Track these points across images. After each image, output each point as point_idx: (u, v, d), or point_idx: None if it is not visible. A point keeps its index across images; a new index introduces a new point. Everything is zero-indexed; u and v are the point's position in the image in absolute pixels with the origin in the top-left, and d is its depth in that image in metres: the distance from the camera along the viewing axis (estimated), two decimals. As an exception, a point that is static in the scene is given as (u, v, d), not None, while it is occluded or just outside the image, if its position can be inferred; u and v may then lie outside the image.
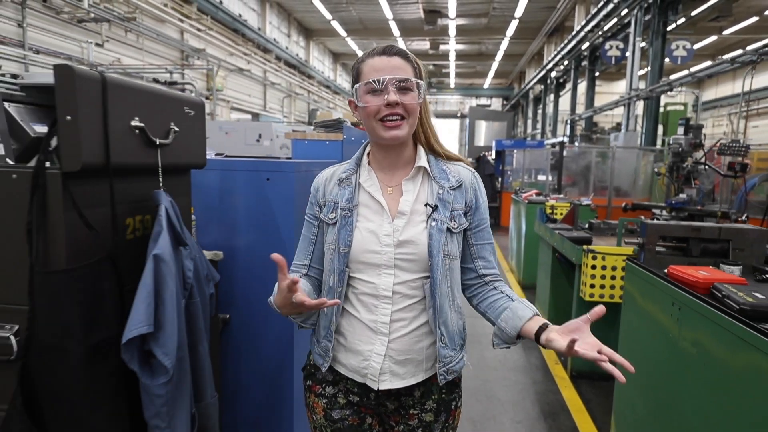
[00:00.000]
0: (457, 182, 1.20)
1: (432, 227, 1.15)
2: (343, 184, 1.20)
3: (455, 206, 1.18)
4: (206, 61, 13.12)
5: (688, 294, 1.75)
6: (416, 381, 1.17)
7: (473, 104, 30.95)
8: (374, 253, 1.14)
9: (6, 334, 1.03)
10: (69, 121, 0.97)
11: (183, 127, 1.28)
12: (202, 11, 13.12)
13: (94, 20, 9.34)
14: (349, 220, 1.16)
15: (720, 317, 1.54)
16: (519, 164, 12.08)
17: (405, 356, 1.15)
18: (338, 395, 1.21)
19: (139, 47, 11.07)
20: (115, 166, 1.07)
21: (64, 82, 0.97)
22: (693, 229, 2.20)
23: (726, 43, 18.87)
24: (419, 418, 1.20)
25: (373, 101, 1.11)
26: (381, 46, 1.18)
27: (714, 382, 1.59)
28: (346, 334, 1.18)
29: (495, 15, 18.56)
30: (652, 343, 2.08)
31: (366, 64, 1.15)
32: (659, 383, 2.00)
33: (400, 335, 1.15)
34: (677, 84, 9.38)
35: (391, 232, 1.15)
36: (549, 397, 3.10)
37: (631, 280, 2.33)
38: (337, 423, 1.20)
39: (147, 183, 1.20)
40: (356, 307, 1.17)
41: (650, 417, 2.07)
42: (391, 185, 1.21)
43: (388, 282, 1.14)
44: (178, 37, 12.31)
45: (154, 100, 1.19)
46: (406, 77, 1.12)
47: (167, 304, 1.08)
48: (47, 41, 8.60)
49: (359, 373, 1.17)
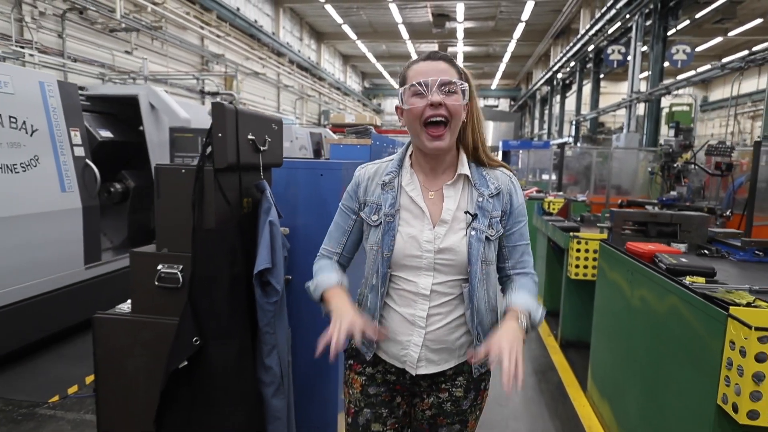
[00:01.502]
0: (496, 189, 1.24)
1: (471, 236, 1.19)
2: (386, 188, 1.25)
3: (493, 214, 1.23)
4: (225, 65, 13.76)
5: (638, 262, 2.31)
6: (449, 366, 1.26)
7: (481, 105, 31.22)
8: (415, 258, 1.20)
9: (174, 270, 1.63)
10: (220, 137, 1.56)
11: (272, 138, 1.87)
12: (222, 18, 13.74)
13: (125, 29, 9.98)
14: (391, 225, 1.22)
15: (654, 275, 2.10)
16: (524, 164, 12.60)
17: (440, 345, 1.23)
18: (377, 374, 1.30)
19: (164, 54, 11.70)
20: (241, 165, 1.66)
21: (218, 112, 1.55)
22: (650, 215, 2.76)
23: (732, 44, 19.07)
24: (450, 392, 1.27)
25: (418, 103, 1.16)
26: (427, 52, 1.23)
27: (652, 324, 2.15)
28: (387, 325, 1.26)
29: (502, 18, 18.99)
30: (615, 305, 2.64)
31: (411, 69, 1.20)
32: (619, 335, 2.56)
33: (436, 328, 1.22)
34: (674, 87, 9.84)
35: (432, 239, 1.20)
36: (540, 360, 3.66)
37: (602, 256, 2.89)
38: (371, 398, 1.30)
39: (252, 176, 1.78)
40: (396, 301, 1.24)
41: (614, 365, 2.63)
42: (432, 189, 1.25)
43: (427, 282, 1.21)
44: (199, 43, 12.94)
45: (258, 121, 1.77)
46: (449, 79, 1.16)
47: (278, 253, 1.65)
48: (83, 50, 9.23)
49: (399, 359, 1.26)
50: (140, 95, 4.52)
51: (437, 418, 1.29)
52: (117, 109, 4.75)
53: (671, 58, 11.27)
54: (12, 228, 3.12)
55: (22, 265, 3.22)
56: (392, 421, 1.31)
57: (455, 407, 1.28)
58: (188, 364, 1.56)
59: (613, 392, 2.63)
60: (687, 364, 1.80)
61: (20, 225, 3.18)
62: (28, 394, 2.88)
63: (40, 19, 8.21)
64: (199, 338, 1.55)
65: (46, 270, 3.40)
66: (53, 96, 3.54)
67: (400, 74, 1.24)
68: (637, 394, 2.28)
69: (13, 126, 3.19)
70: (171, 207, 1.66)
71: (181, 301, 1.59)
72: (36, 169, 3.33)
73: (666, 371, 1.98)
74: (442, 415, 1.28)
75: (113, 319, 1.70)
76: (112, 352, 1.70)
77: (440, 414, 1.28)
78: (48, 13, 8.34)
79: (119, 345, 1.69)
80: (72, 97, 3.75)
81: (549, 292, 4.58)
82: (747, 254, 2.41)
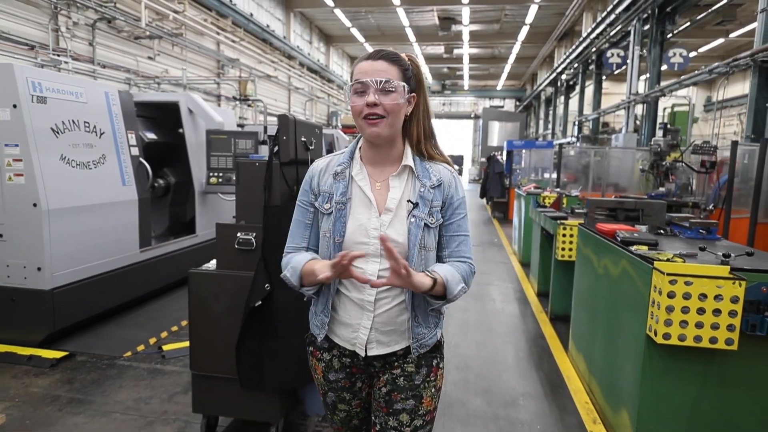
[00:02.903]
0: (437, 181, 1.33)
1: (411, 222, 1.28)
2: (338, 178, 1.33)
3: (434, 203, 1.31)
4: (239, 69, 14.40)
5: (603, 238, 2.88)
6: (399, 347, 1.34)
7: (486, 105, 31.70)
8: (363, 245, 1.28)
9: (250, 237, 2.22)
10: (285, 140, 2.15)
11: (316, 139, 2.46)
12: (236, 24, 14.37)
13: (149, 37, 10.63)
14: (342, 213, 1.30)
15: (612, 246, 2.67)
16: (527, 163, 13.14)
17: (389, 327, 1.32)
18: (333, 360, 1.39)
19: (183, 59, 12.33)
20: (297, 160, 2.25)
21: (283, 121, 2.14)
22: (618, 202, 3.32)
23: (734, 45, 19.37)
24: (402, 368, 1.35)
25: (358, 101, 1.24)
26: (373, 51, 1.29)
27: (610, 284, 2.72)
28: (339, 309, 1.35)
29: (507, 21, 19.50)
30: (587, 274, 3.20)
31: (356, 68, 1.28)
32: (590, 298, 3.13)
33: (384, 311, 1.31)
34: (668, 90, 10.34)
35: (378, 226, 1.28)
36: (532, 331, 4.23)
37: (579, 236, 3.46)
38: (333, 384, 1.41)
39: (302, 168, 2.37)
40: (347, 287, 1.33)
41: (587, 323, 3.20)
42: (379, 180, 1.33)
43: (374, 268, 1.29)
44: (215, 48, 13.57)
45: (307, 127, 2.36)
46: (386, 79, 1.23)
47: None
48: (110, 56, 9.87)
49: (350, 342, 1.34)
50: (180, 101, 5.14)
51: (392, 394, 1.35)
52: (158, 113, 5.36)
53: (668, 61, 11.75)
54: (86, 215, 3.74)
55: (93, 247, 3.83)
56: (357, 402, 1.43)
57: (408, 382, 1.35)
58: (260, 304, 2.16)
59: (586, 346, 3.20)
60: (632, 309, 2.37)
61: (92, 213, 3.79)
62: (106, 350, 3.50)
63: (73, 29, 8.86)
64: (269, 285, 2.14)
65: (109, 252, 4.01)
66: (115, 104, 4.15)
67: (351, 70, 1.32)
68: (601, 342, 2.85)
69: (87, 130, 3.81)
70: (247, 190, 2.25)
71: (255, 260, 2.18)
72: (103, 166, 3.95)
73: (619, 319, 2.55)
74: (396, 390, 1.35)
75: (204, 273, 2.30)
76: (202, 299, 2.30)
77: (394, 389, 1.35)
78: (80, 23, 8.99)
79: (208, 293, 2.29)
80: (128, 105, 4.37)
81: (542, 275, 5.14)
82: (693, 232, 2.98)
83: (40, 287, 3.40)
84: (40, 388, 2.95)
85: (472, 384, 3.19)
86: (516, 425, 2.71)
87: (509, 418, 2.78)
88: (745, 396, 2.12)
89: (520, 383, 3.23)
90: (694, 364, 2.12)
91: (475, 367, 3.45)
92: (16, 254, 3.40)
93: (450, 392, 3.06)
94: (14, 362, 3.26)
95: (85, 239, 3.74)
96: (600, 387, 2.85)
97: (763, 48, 6.80)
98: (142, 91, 10.34)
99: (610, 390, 2.66)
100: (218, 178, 4.92)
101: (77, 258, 3.67)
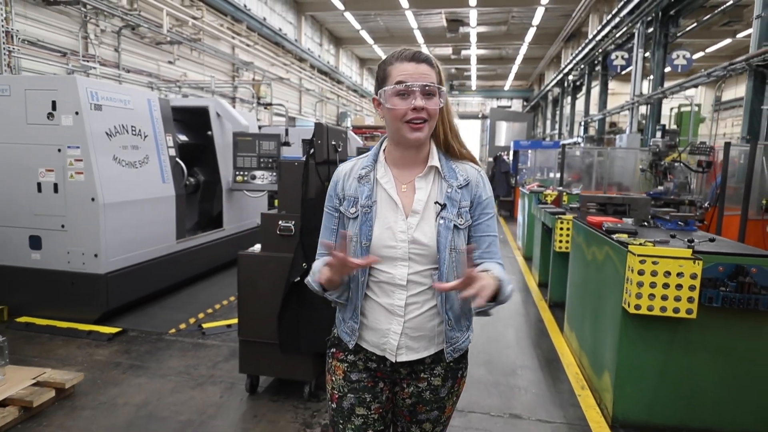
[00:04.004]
0: (464, 181, 1.30)
1: (440, 224, 1.25)
2: (362, 181, 1.31)
3: (462, 203, 1.28)
4: (253, 72, 14.89)
5: (592, 229, 3.29)
6: (428, 354, 1.31)
7: (494, 105, 31.94)
8: (390, 248, 1.26)
9: (290, 224, 2.67)
10: (319, 143, 2.58)
11: (343, 142, 2.89)
12: (251, 28, 14.86)
13: (169, 42, 11.13)
14: (368, 217, 1.27)
15: (598, 235, 3.08)
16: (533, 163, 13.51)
17: (418, 333, 1.29)
18: (358, 362, 1.35)
19: (201, 62, 12.84)
20: (329, 160, 2.68)
21: (318, 128, 2.58)
22: (608, 198, 3.73)
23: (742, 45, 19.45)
24: (428, 381, 1.32)
25: (401, 104, 1.21)
26: (410, 51, 1.25)
27: (597, 268, 3.13)
28: (368, 315, 1.31)
29: (514, 23, 19.82)
30: (580, 262, 3.61)
31: (394, 68, 1.23)
32: (581, 282, 3.54)
33: (414, 316, 1.28)
34: (669, 92, 10.67)
35: (405, 229, 1.25)
36: (532, 316, 4.64)
37: (573, 229, 3.87)
38: (354, 384, 1.34)
39: (333, 167, 2.80)
40: (376, 292, 1.30)
41: (579, 304, 3.60)
42: (405, 182, 1.30)
43: (403, 272, 1.26)
44: (230, 52, 14.06)
45: (337, 132, 2.80)
46: (431, 84, 1.21)
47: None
48: (134, 61, 10.39)
49: (379, 347, 1.31)
50: (210, 106, 5.60)
51: (417, 406, 1.35)
52: (188, 117, 5.82)
53: (672, 63, 12.03)
54: (133, 209, 4.20)
55: (138, 237, 4.29)
56: (376, 406, 1.36)
57: (434, 395, 1.33)
58: (299, 280, 2.59)
59: (577, 325, 3.61)
60: (612, 288, 2.78)
61: (138, 207, 4.26)
62: (153, 327, 3.96)
63: (101, 36, 9.38)
64: (306, 264, 2.58)
65: (152, 242, 4.47)
66: (156, 110, 4.62)
67: (379, 67, 1.28)
68: (589, 320, 3.26)
69: (134, 133, 4.28)
70: (288, 186, 2.70)
71: (294, 243, 2.62)
72: (147, 166, 4.41)
73: (603, 298, 2.96)
74: (422, 402, 1.34)
75: (251, 255, 2.75)
76: (249, 276, 2.75)
77: (420, 402, 1.34)
78: (107, 30, 9.51)
79: (254, 272, 2.74)
80: (167, 110, 4.84)
81: (543, 267, 5.55)
82: (672, 224, 3.38)
83: (96, 272, 3.87)
84: (102, 356, 3.41)
85: (475, 357, 3.61)
86: (514, 389, 3.13)
87: (508, 384, 3.20)
88: (706, 359, 2.53)
89: (519, 358, 3.64)
90: (662, 332, 2.53)
91: (478, 345, 3.86)
92: (76, 243, 3.87)
93: (457, 364, 3.48)
94: (76, 336, 3.73)
95: (133, 230, 4.20)
96: (588, 358, 3.26)
97: (757, 53, 7.14)
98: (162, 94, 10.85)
99: (595, 359, 3.07)
100: (243, 177, 5.38)
101: (126, 246, 4.13)
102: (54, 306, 3.95)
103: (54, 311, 3.95)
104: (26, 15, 7.66)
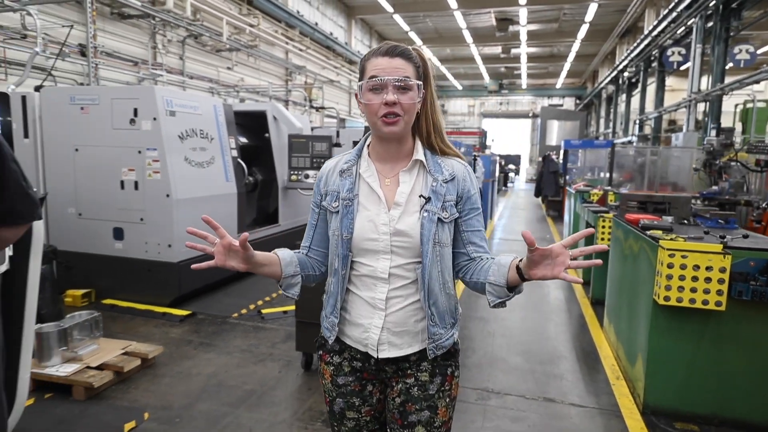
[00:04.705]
0: (450, 175, 1.28)
1: (424, 217, 1.23)
2: (344, 175, 1.30)
3: (447, 197, 1.26)
4: (305, 75, 15.47)
5: (629, 225, 3.40)
6: (412, 351, 1.28)
7: (545, 104, 31.31)
8: (372, 241, 1.24)
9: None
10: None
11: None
12: (303, 34, 15.44)
13: (228, 49, 11.81)
14: (350, 209, 1.26)
15: (635, 231, 3.19)
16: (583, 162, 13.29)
17: (401, 328, 1.27)
18: (343, 363, 1.33)
19: (256, 68, 13.50)
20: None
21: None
22: (648, 196, 3.81)
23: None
24: (416, 377, 1.30)
25: (374, 99, 1.20)
26: (386, 45, 1.23)
27: (633, 262, 3.24)
28: (350, 309, 1.30)
29: (566, 20, 19.45)
30: (618, 258, 3.71)
31: (370, 63, 1.22)
32: (619, 275, 3.64)
33: (395, 310, 1.26)
34: (729, 89, 10.27)
35: (387, 222, 1.24)
36: (574, 313, 4.74)
37: (613, 225, 3.97)
38: (341, 388, 1.34)
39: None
40: (357, 286, 1.28)
41: (617, 296, 3.71)
42: (389, 176, 1.29)
43: (385, 265, 1.25)
44: (284, 57, 14.68)
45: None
46: (404, 78, 1.19)
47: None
48: (196, 68, 11.11)
49: (361, 343, 1.29)
50: (267, 110, 6.03)
51: (406, 404, 1.30)
52: (246, 120, 6.29)
53: (734, 58, 11.53)
54: (202, 205, 4.66)
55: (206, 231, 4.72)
56: (366, 408, 1.35)
57: (422, 392, 1.30)
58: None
59: (615, 318, 3.72)
60: (646, 281, 2.90)
61: (206, 203, 4.71)
62: (219, 311, 4.40)
63: (168, 46, 10.13)
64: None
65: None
66: (220, 114, 5.07)
67: (360, 63, 1.27)
68: (625, 312, 3.38)
69: (202, 136, 4.74)
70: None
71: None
72: (213, 166, 4.87)
73: (638, 291, 3.08)
74: (410, 400, 1.30)
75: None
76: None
77: (408, 400, 1.30)
78: (173, 40, 10.25)
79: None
80: (230, 114, 5.29)
81: (586, 265, 5.61)
82: (712, 222, 3.43)
83: (170, 260, 4.34)
84: (176, 335, 3.86)
85: (514, 347, 3.79)
86: (550, 377, 3.30)
87: (545, 372, 3.37)
88: (734, 350, 2.62)
89: (557, 349, 3.79)
90: (693, 324, 2.64)
91: (516, 336, 4.04)
92: (153, 234, 4.36)
93: (495, 352, 3.68)
94: (152, 317, 4.21)
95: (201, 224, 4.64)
96: (624, 349, 3.37)
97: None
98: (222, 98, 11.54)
99: (630, 348, 3.19)
100: (297, 176, 5.76)
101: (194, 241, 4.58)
102: (134, 290, 4.46)
103: (133, 295, 4.47)
104: (104, 29, 8.43)
